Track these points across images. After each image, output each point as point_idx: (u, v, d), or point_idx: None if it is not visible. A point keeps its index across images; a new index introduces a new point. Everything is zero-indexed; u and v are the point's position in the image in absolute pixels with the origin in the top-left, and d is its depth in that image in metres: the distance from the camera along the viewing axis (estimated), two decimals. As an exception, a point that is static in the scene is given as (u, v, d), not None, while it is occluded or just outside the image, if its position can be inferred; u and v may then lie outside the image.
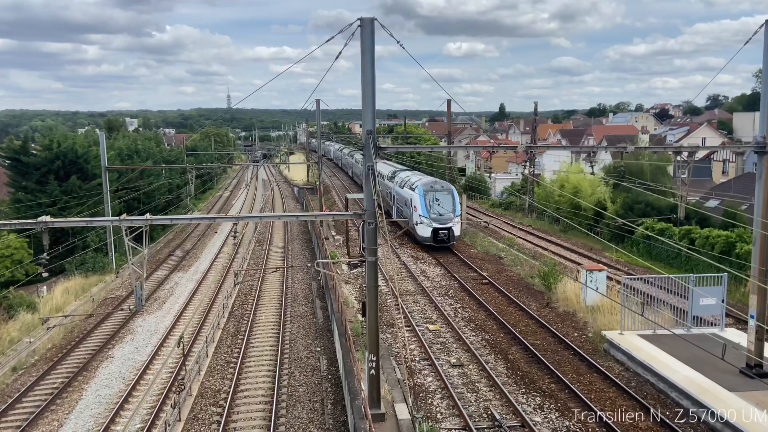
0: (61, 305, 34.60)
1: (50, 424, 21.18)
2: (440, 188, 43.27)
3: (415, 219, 43.19)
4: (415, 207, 42.98)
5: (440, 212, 42.09)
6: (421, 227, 42.55)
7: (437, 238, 41.94)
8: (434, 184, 43.98)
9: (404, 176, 51.40)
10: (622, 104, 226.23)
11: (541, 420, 18.86)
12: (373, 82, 16.64)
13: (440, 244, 42.07)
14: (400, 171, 55.52)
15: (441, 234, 41.83)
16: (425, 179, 46.72)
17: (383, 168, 59.87)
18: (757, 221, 19.74)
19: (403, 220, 47.62)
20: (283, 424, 20.27)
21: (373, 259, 17.58)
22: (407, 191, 46.05)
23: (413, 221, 43.53)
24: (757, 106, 29.44)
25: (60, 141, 53.47)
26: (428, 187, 43.27)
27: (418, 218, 42.47)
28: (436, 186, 43.64)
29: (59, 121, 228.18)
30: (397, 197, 50.42)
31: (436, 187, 43.25)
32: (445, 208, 42.27)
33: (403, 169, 58.06)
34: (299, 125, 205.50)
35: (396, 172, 55.10)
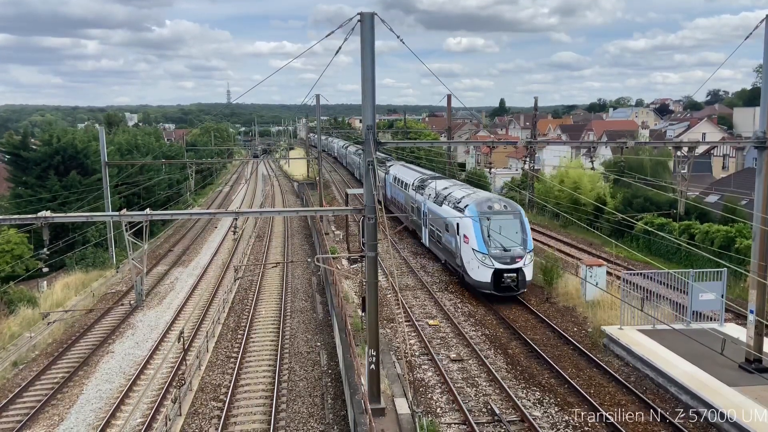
0: (62, 300, 34.63)
1: (51, 418, 21.23)
2: (502, 209, 30.74)
3: (465, 255, 30.37)
4: (465, 237, 30.28)
5: (505, 246, 29.31)
6: (475, 267, 29.51)
7: (501, 285, 28.99)
8: (493, 202, 31.24)
9: (441, 188, 38.21)
10: (622, 99, 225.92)
11: (540, 414, 18.91)
12: (373, 77, 16.63)
13: (505, 292, 29.20)
14: (432, 179, 42.56)
15: (507, 279, 28.86)
16: (478, 195, 33.56)
17: (405, 174, 49.22)
18: (756, 216, 19.75)
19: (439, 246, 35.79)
20: (283, 419, 20.32)
21: (373, 255, 17.60)
22: (450, 211, 33.36)
23: (462, 257, 30.90)
24: (757, 102, 29.40)
25: (60, 136, 53.47)
26: (485, 207, 30.58)
27: (472, 254, 29.59)
28: (496, 206, 30.85)
29: (59, 116, 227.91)
30: (430, 216, 37.95)
31: (496, 208, 30.69)
32: (512, 239, 29.54)
33: (436, 176, 45.31)
34: (299, 120, 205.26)
35: (426, 181, 42.62)
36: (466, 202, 32.30)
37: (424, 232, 39.79)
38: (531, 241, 30.27)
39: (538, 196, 53.62)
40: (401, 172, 50.72)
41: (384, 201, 55.33)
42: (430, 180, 42.20)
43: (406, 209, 46.33)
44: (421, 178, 43.95)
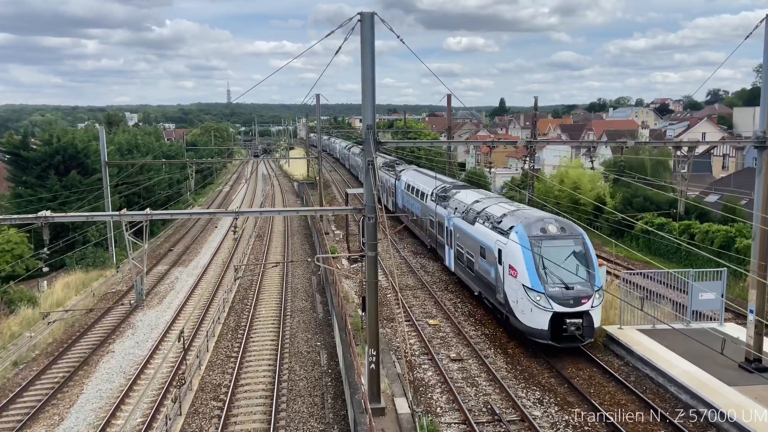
0: (62, 300, 34.64)
1: (51, 418, 21.24)
2: (560, 233, 23.96)
3: (511, 291, 23.69)
4: (512, 269, 23.57)
5: (566, 282, 22.52)
6: (526, 309, 22.76)
7: (562, 334, 22.29)
8: (546, 223, 24.22)
9: (471, 200, 31.41)
10: (622, 99, 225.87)
11: (540, 414, 18.92)
12: (373, 77, 16.64)
13: (567, 343, 22.47)
14: (457, 188, 36.07)
15: (570, 326, 22.14)
16: (525, 213, 26.12)
17: (420, 181, 42.69)
18: (756, 216, 19.77)
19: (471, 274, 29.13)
20: (283, 419, 20.33)
21: (373, 254, 17.62)
22: (487, 232, 26.65)
23: (506, 293, 24.17)
24: (757, 101, 29.41)
25: (60, 136, 53.47)
26: (536, 230, 23.76)
27: (521, 292, 22.84)
28: (551, 228, 24.00)
29: (59, 116, 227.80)
30: (457, 235, 31.15)
31: (552, 231, 23.90)
32: (575, 272, 22.84)
33: (460, 185, 38.70)
34: (299, 120, 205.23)
35: (449, 191, 35.62)
36: (510, 222, 25.16)
37: (449, 254, 33.16)
38: (599, 274, 23.34)
39: (538, 196, 53.59)
40: (416, 179, 44.54)
41: (394, 209, 50.99)
42: (455, 190, 35.26)
43: (422, 222, 40.66)
44: (443, 188, 36.93)
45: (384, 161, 61.15)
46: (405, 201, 46.96)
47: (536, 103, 54.33)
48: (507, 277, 23.94)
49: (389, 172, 54.90)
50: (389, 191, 53.83)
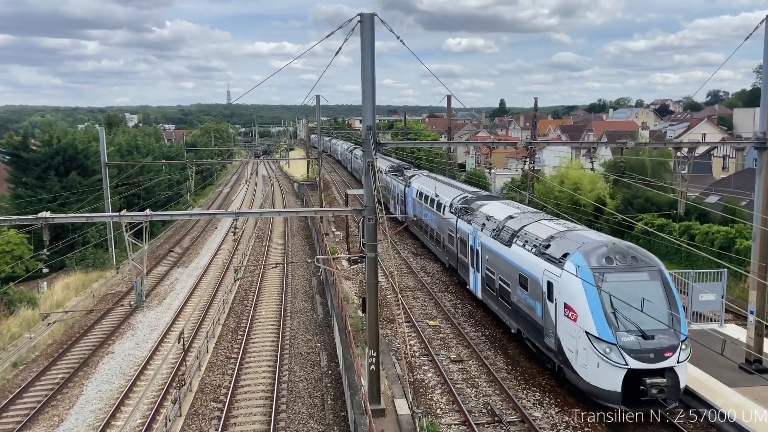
0: (62, 301, 34.64)
1: (51, 419, 21.23)
2: (630, 263, 18.68)
3: (569, 338, 18.57)
4: (569, 309, 18.50)
5: (643, 329, 17.43)
6: (591, 364, 17.69)
7: (641, 397, 17.27)
8: (612, 251, 18.95)
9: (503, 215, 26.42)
10: (622, 100, 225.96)
11: (540, 415, 18.90)
12: (373, 78, 16.64)
13: (645, 407, 17.46)
14: (481, 200, 31.05)
15: (651, 387, 17.03)
16: (580, 236, 20.78)
17: (436, 189, 37.15)
18: (757, 217, 19.76)
19: (507, 307, 23.87)
20: (283, 420, 20.32)
21: (373, 255, 17.60)
22: (528, 257, 21.68)
23: (561, 339, 19.10)
24: (757, 102, 29.41)
25: (60, 137, 53.47)
26: (600, 259, 18.65)
27: (584, 341, 17.78)
28: (618, 256, 18.81)
29: (59, 117, 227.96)
30: (487, 257, 26.12)
31: (620, 261, 18.69)
32: (655, 315, 17.27)
33: (485, 195, 33.64)
34: (299, 121, 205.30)
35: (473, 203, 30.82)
36: (561, 246, 20.04)
37: (474, 278, 28.20)
38: (684, 318, 18.20)
39: (539, 197, 53.62)
40: (430, 187, 39.37)
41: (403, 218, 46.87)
42: (480, 202, 30.35)
43: (439, 237, 35.80)
44: (464, 198, 32.26)
45: (390, 165, 57.78)
46: (417, 210, 41.62)
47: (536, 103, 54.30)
48: (561, 318, 18.79)
49: (397, 177, 50.85)
50: (398, 198, 49.91)
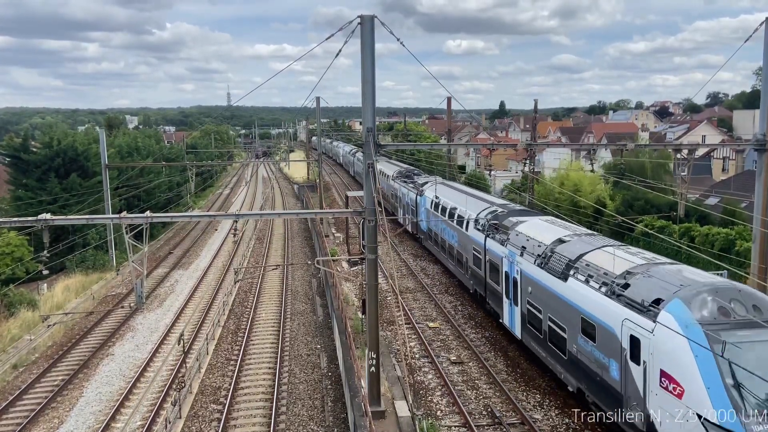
0: (62, 303, 34.63)
1: (51, 421, 21.22)
2: (754, 315, 13.63)
3: (669, 420, 13.68)
4: (668, 378, 13.71)
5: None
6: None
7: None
8: (728, 296, 13.93)
9: (554, 239, 21.27)
10: (622, 102, 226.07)
11: (541, 417, 18.90)
12: (373, 80, 16.66)
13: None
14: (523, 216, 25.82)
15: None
16: (671, 272, 15.95)
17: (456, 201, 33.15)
18: (756, 219, 19.79)
19: (558, 354, 19.28)
20: (283, 422, 20.31)
21: (374, 257, 17.61)
22: (602, 301, 16.71)
23: (655, 419, 14.16)
24: (757, 104, 29.45)
25: (60, 139, 53.50)
26: (711, 308, 13.73)
27: (695, 425, 12.89)
28: (737, 305, 13.78)
29: (59, 119, 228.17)
30: (530, 289, 21.33)
31: (739, 311, 13.71)
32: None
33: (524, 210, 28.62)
34: (299, 123, 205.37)
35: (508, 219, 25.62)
36: (649, 288, 15.34)
37: (511, 312, 23.06)
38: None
39: (539, 199, 53.64)
40: (447, 197, 34.92)
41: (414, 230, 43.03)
42: (515, 218, 25.09)
43: (461, 257, 30.62)
44: (494, 213, 27.27)
45: (398, 170, 52.94)
46: (431, 223, 37.39)
47: (536, 105, 54.31)
48: (655, 389, 14.07)
49: (407, 185, 45.93)
50: (407, 208, 45.00)
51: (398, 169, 53.81)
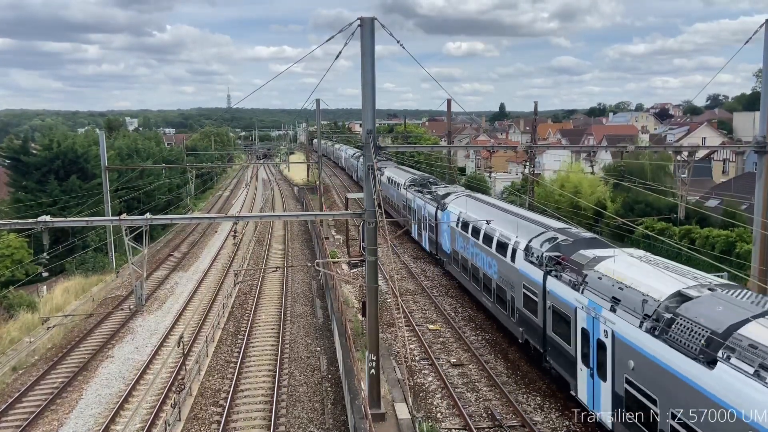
0: (61, 305, 34.59)
1: (50, 423, 21.18)
2: None
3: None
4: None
5: None
6: None
7: None
8: None
9: (671, 294, 14.87)
10: (622, 104, 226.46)
11: (541, 420, 18.86)
12: (373, 82, 16.65)
13: None
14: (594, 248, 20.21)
15: None
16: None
17: (499, 224, 26.37)
18: (757, 221, 19.76)
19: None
20: (283, 424, 20.27)
21: (373, 259, 17.58)
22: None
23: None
24: (757, 106, 29.46)
25: (60, 140, 53.51)
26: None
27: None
28: None
29: (59, 121, 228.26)
30: (648, 372, 14.42)
31: None
32: None
33: (592, 238, 22.25)
34: (299, 125, 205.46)
35: (582, 254, 19.67)
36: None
37: (594, 387, 17.42)
38: None
39: (539, 201, 53.64)
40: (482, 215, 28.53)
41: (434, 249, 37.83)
42: (590, 252, 19.67)
43: (502, 293, 25.01)
44: (554, 241, 21.79)
45: (412, 178, 46.90)
46: (457, 244, 31.77)
47: (536, 107, 54.34)
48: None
49: (424, 195, 40.64)
50: (424, 222, 39.70)
51: (411, 176, 47.96)
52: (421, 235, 41.08)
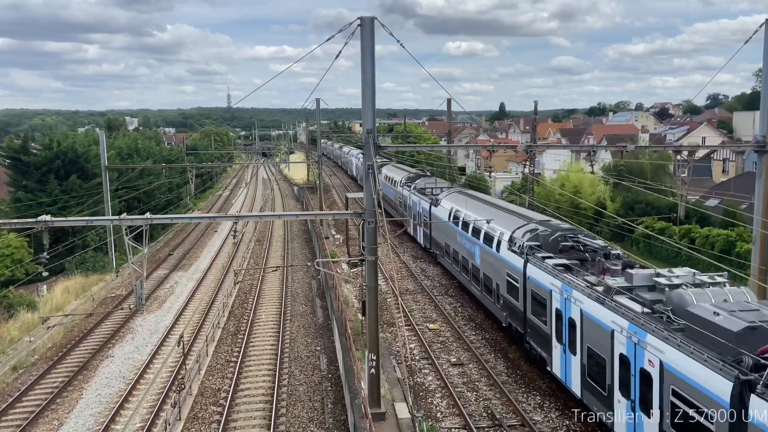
0: (61, 304, 34.60)
1: (50, 423, 21.19)
2: None
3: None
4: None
5: None
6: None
7: None
8: None
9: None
10: (622, 103, 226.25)
11: (541, 419, 18.87)
12: (373, 82, 16.66)
13: None
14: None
15: None
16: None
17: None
18: (757, 220, 19.77)
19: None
20: (283, 423, 20.27)
21: (373, 258, 17.60)
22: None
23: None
24: (757, 105, 29.46)
25: (60, 140, 53.51)
26: None
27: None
28: None
29: (59, 120, 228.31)
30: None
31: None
32: None
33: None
34: (299, 124, 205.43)
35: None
36: None
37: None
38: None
39: (539, 200, 53.64)
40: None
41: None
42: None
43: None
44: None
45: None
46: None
47: (536, 107, 54.26)
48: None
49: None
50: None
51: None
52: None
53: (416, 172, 51.53)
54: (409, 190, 44.40)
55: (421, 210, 40.23)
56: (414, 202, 42.71)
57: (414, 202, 42.71)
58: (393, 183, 50.89)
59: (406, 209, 45.95)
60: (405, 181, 47.01)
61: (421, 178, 46.65)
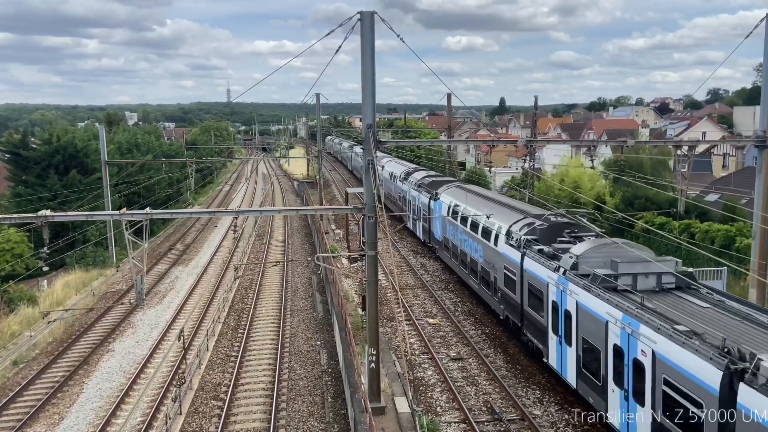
0: (62, 299, 34.65)
1: (51, 417, 21.24)
2: None
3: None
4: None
5: None
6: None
7: None
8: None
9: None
10: (622, 98, 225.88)
11: (540, 413, 18.93)
12: (373, 76, 16.65)
13: None
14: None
15: None
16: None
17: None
18: (757, 215, 19.79)
19: None
20: (283, 418, 20.33)
21: (373, 253, 17.62)
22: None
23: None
24: (757, 100, 29.43)
25: (60, 135, 53.50)
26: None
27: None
28: None
29: (59, 115, 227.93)
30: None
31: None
32: None
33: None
34: (299, 119, 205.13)
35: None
36: None
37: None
38: None
39: (539, 195, 53.65)
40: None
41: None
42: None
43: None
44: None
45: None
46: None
47: (536, 102, 53.98)
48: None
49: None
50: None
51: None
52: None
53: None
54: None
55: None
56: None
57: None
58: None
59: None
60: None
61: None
